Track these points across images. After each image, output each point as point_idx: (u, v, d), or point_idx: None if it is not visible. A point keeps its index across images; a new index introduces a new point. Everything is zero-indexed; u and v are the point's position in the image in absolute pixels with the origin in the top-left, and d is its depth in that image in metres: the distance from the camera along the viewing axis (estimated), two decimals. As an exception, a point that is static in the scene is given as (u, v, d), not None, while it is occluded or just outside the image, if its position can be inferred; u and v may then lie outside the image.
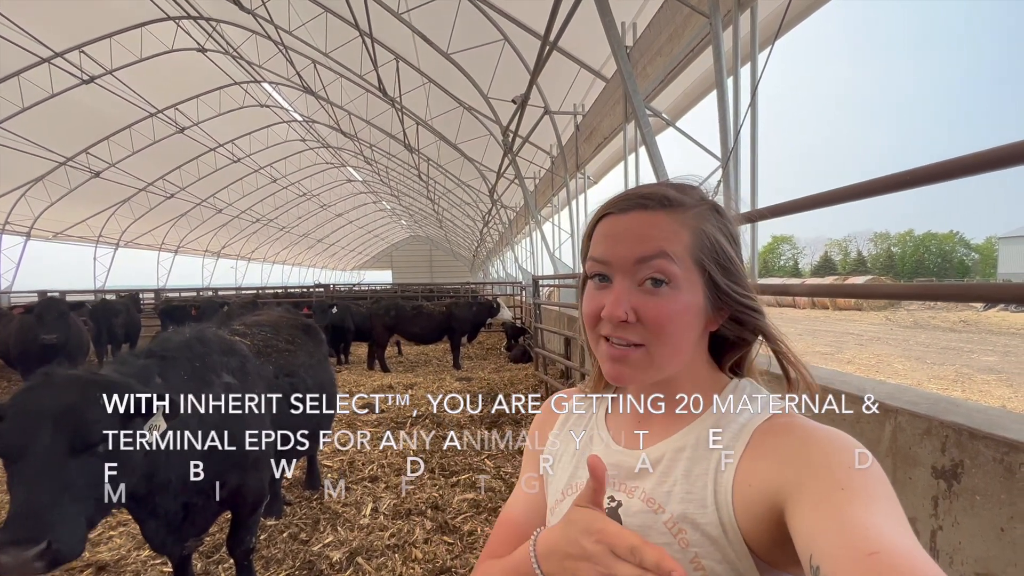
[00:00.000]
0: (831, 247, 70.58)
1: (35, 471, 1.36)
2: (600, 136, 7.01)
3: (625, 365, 0.62)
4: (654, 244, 0.61)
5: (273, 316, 3.15)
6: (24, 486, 1.36)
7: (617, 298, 0.61)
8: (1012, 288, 1.36)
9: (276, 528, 3.09)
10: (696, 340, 0.65)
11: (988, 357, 11.21)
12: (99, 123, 12.90)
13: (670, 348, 0.62)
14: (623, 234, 0.62)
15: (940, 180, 1.36)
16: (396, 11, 7.31)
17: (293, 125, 17.24)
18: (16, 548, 1.26)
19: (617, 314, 0.60)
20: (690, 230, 0.62)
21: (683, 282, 0.61)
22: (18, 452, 1.38)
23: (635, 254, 0.61)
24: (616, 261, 0.62)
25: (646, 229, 0.62)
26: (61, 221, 16.07)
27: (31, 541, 1.28)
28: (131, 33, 10.47)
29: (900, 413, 1.57)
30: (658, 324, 0.60)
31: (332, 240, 34.49)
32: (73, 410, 1.41)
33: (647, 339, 0.61)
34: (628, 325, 0.61)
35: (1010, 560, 1.25)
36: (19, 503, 1.34)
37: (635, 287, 0.61)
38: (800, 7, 3.64)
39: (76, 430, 1.40)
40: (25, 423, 1.40)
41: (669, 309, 0.60)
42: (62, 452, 1.38)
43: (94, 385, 1.47)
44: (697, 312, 0.63)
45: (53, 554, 1.30)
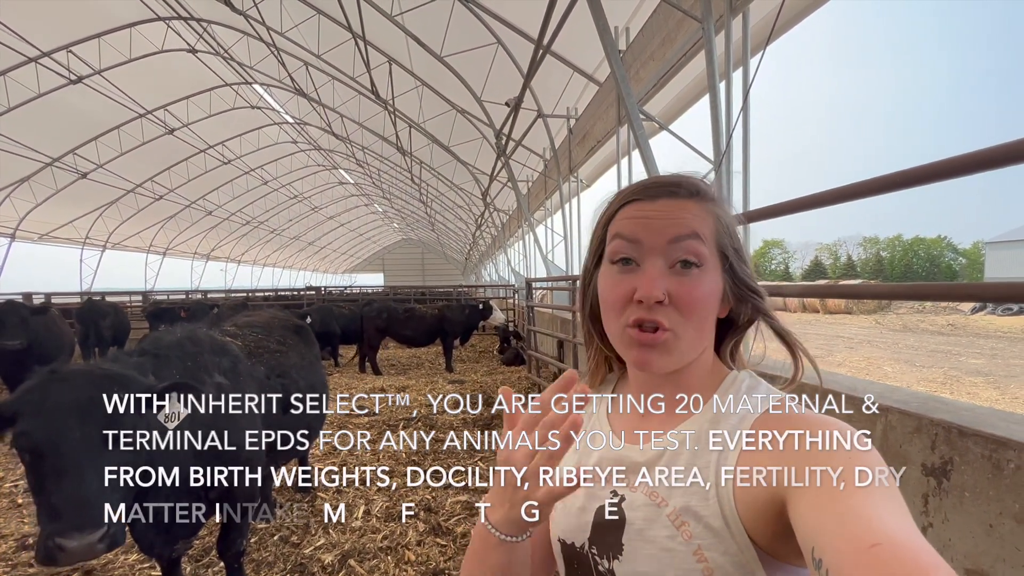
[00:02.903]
0: (821, 251, 71.32)
1: (77, 461, 1.42)
2: (593, 139, 7.04)
3: (654, 351, 0.62)
4: (688, 225, 0.62)
5: (264, 317, 3.13)
6: (68, 477, 1.41)
7: (651, 278, 0.60)
8: (993, 287, 1.38)
9: (267, 531, 3.06)
10: (714, 324, 0.66)
11: (975, 360, 11.36)
12: (87, 124, 12.74)
13: (696, 332, 0.62)
14: (655, 216, 0.63)
15: (926, 182, 1.38)
16: (389, 13, 7.30)
17: (284, 127, 17.15)
18: (80, 533, 1.35)
19: (655, 294, 0.60)
20: (714, 217, 0.64)
21: (710, 265, 0.62)
22: (51, 446, 1.42)
23: (670, 234, 0.61)
24: (648, 240, 0.62)
25: (678, 212, 0.63)
26: (47, 223, 15.83)
27: (94, 526, 1.36)
28: (120, 33, 10.37)
29: (891, 412, 1.59)
30: (690, 306, 0.61)
31: (323, 243, 34.30)
32: (102, 401, 1.44)
33: (676, 322, 0.61)
34: (661, 307, 0.60)
35: (999, 555, 1.26)
36: (68, 493, 1.39)
37: (667, 269, 0.61)
38: (792, 12, 3.69)
39: (108, 420, 1.44)
40: (54, 417, 1.45)
41: (700, 291, 0.61)
42: (97, 442, 1.44)
43: (112, 378, 1.53)
44: (719, 297, 0.64)
45: (112, 537, 1.40)
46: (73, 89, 10.91)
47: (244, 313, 3.37)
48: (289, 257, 33.60)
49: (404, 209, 26.39)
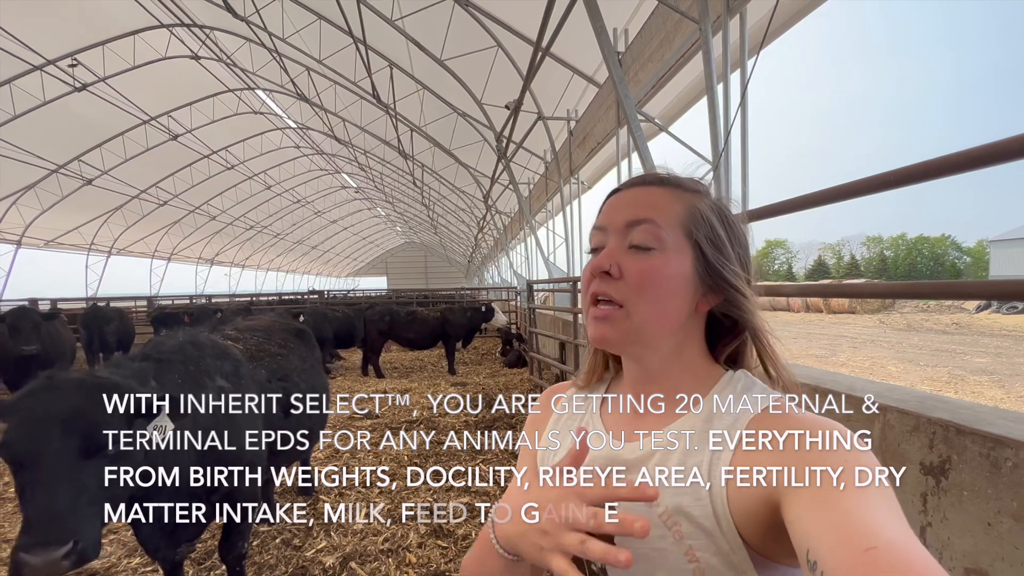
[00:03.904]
0: (824, 251, 71.08)
1: (51, 474, 1.38)
2: (593, 141, 7.05)
3: (607, 324, 0.64)
4: (644, 211, 0.65)
5: (266, 321, 3.14)
6: (41, 489, 1.38)
7: (607, 252, 0.65)
8: (997, 285, 1.38)
9: (269, 534, 3.07)
10: (683, 312, 0.65)
11: (980, 359, 11.30)
12: (91, 130, 12.84)
13: (650, 307, 0.63)
14: (620, 204, 0.68)
15: (927, 179, 1.38)
16: (389, 18, 7.34)
17: (287, 132, 17.23)
18: (44, 549, 1.29)
19: (602, 264, 0.64)
20: (684, 204, 0.66)
21: (671, 250, 0.64)
22: (30, 457, 1.40)
23: (626, 217, 0.66)
24: (610, 224, 0.67)
25: (641, 198, 0.67)
26: (53, 229, 15.95)
27: (58, 542, 1.31)
28: (124, 41, 10.45)
29: (889, 411, 1.59)
30: (639, 282, 0.63)
31: (327, 247, 34.40)
32: (85, 412, 1.43)
33: (627, 297, 0.63)
34: (612, 280, 0.64)
35: (997, 554, 1.26)
36: (39, 506, 1.36)
37: (624, 247, 0.65)
38: (789, 13, 3.70)
39: (87, 433, 1.42)
40: (36, 427, 1.42)
41: (652, 268, 0.63)
42: (75, 455, 1.41)
43: (101, 387, 1.49)
44: (684, 281, 0.64)
45: (79, 554, 1.34)
46: (78, 96, 11.00)
47: (246, 317, 3.39)
48: (293, 261, 33.71)
49: (407, 212, 26.44)
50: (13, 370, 5.54)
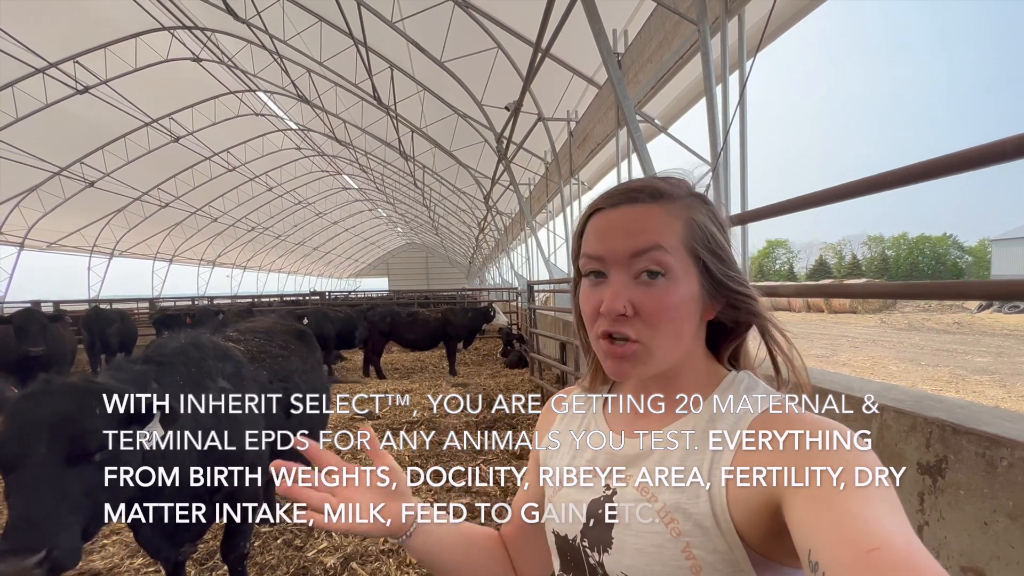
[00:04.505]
0: (826, 251, 70.96)
1: (33, 480, 1.37)
2: (593, 142, 7.07)
3: (626, 362, 0.62)
4: (648, 237, 0.61)
5: (267, 322, 3.16)
6: (22, 495, 1.36)
7: (615, 292, 0.61)
8: (999, 285, 1.38)
9: (270, 534, 3.08)
10: (694, 330, 0.65)
11: (981, 358, 11.28)
12: (93, 133, 12.90)
13: (669, 340, 0.62)
14: (615, 228, 0.62)
15: (924, 179, 1.38)
16: (390, 20, 7.36)
17: (288, 133, 17.28)
18: (15, 557, 1.26)
19: (616, 307, 0.60)
20: (682, 220, 0.63)
21: (679, 272, 0.61)
22: (15, 461, 1.38)
23: (630, 248, 0.61)
24: (610, 256, 0.62)
25: (638, 222, 0.62)
26: (55, 231, 16.01)
27: (30, 550, 1.28)
28: (126, 43, 10.50)
29: (886, 411, 1.59)
30: (656, 317, 0.60)
31: (328, 248, 34.45)
32: (69, 419, 1.42)
33: (645, 334, 0.61)
34: (626, 319, 0.61)
35: (993, 553, 1.26)
36: (18, 512, 1.34)
37: (631, 280, 0.61)
38: (787, 14, 3.70)
39: (73, 439, 1.40)
40: (22, 432, 1.40)
41: (667, 301, 0.60)
42: (59, 461, 1.39)
43: (90, 393, 1.47)
44: (694, 302, 0.63)
45: (52, 562, 1.31)
46: (80, 99, 11.05)
47: (248, 319, 3.40)
48: (294, 262, 33.77)
49: (408, 213, 26.48)
50: (16, 371, 5.57)
